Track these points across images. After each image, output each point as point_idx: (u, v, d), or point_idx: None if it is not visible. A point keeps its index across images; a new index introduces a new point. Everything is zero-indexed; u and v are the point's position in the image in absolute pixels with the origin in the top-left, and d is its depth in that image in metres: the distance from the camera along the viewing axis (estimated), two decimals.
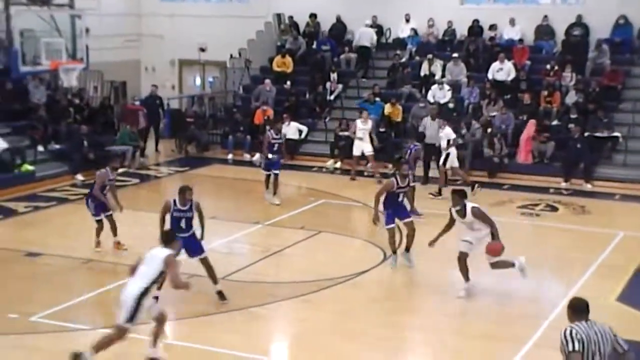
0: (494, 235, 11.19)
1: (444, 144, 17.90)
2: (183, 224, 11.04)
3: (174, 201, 11.06)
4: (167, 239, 9.28)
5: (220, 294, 11.11)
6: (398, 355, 9.90)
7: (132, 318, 8.77)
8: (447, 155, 17.77)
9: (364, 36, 24.36)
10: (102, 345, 8.84)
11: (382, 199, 12.63)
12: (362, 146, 19.63)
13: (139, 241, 14.20)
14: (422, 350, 10.15)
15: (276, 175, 16.77)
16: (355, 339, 9.99)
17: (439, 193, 17.54)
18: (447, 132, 17.98)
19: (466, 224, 11.32)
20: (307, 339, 10.16)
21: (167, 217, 11.20)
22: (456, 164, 17.94)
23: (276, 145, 16.85)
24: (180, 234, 10.69)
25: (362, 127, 19.62)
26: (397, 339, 10.24)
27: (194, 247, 11.10)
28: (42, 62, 18.92)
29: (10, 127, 19.70)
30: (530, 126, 20.13)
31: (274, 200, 16.73)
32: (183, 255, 10.82)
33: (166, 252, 8.88)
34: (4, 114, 20.01)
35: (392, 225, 12.60)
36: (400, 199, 12.82)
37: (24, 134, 19.66)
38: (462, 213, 11.21)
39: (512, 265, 11.42)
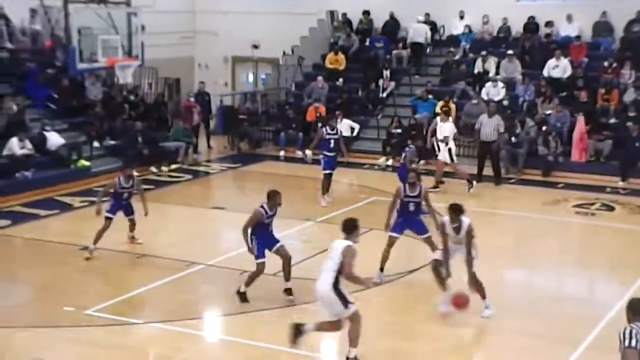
0: (469, 263, 10.34)
1: (440, 136, 17.81)
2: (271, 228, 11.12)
3: (265, 209, 10.93)
4: (348, 229, 9.10)
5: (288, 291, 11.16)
6: (451, 354, 9.84)
7: (346, 304, 8.77)
8: (450, 150, 17.72)
9: (417, 32, 24.21)
10: (322, 328, 9.11)
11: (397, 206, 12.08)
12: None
13: (190, 237, 14.44)
14: (476, 350, 10.08)
15: (330, 175, 16.61)
16: (406, 337, 9.95)
17: (436, 187, 17.61)
18: (448, 128, 17.81)
19: (455, 240, 10.50)
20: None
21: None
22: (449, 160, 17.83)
23: (332, 142, 16.53)
24: (271, 240, 11.04)
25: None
26: (450, 338, 10.16)
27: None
28: (98, 59, 19.15)
29: (67, 123, 20.02)
30: (581, 122, 19.76)
31: (322, 201, 16.48)
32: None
33: (345, 243, 8.87)
34: (62, 111, 20.36)
35: (395, 235, 11.96)
36: (411, 208, 11.95)
37: (81, 130, 19.97)
38: (458, 230, 10.38)
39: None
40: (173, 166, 20.25)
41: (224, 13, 26.97)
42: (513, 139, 19.71)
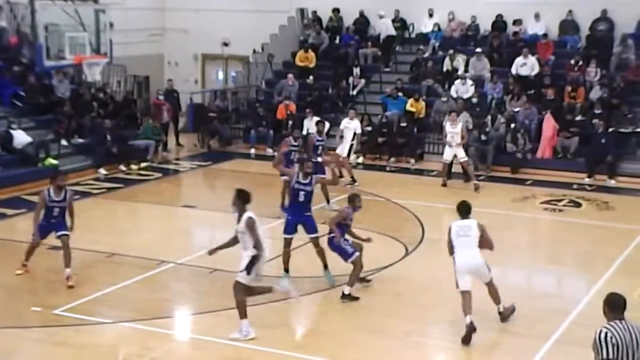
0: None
1: None
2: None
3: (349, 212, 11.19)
4: (462, 210, 10.29)
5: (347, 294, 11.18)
6: (422, 350, 9.94)
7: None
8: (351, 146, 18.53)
9: (387, 27, 24.33)
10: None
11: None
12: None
13: (160, 235, 14.39)
14: (445, 345, 10.11)
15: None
16: (379, 333, 9.98)
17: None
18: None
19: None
20: (327, 334, 10.16)
21: None
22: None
23: (320, 148, 16.29)
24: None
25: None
26: (421, 334, 10.25)
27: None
28: (66, 57, 19.04)
29: (35, 121, 19.86)
30: (550, 120, 19.95)
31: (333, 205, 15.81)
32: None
33: (475, 221, 10.16)
34: (29, 108, 20.18)
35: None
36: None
37: (48, 128, 19.83)
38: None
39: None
40: (143, 164, 20.14)
41: (194, 10, 26.93)
42: (482, 136, 19.86)
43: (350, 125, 18.68)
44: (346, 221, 11.21)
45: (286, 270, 11.86)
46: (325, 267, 11.74)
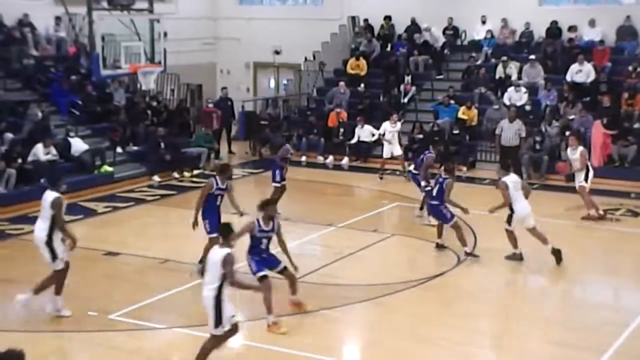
0: None
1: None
2: None
3: None
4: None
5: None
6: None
7: None
8: None
9: (433, 38, 24.41)
10: None
11: None
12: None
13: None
14: (498, 357, 10.07)
15: None
16: (429, 343, 9.96)
17: None
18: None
19: None
20: (379, 342, 10.16)
21: None
22: None
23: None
24: None
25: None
26: (472, 344, 10.17)
27: None
28: (121, 66, 19.35)
29: (91, 129, 20.28)
30: (598, 127, 19.62)
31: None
32: None
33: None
34: (86, 117, 20.61)
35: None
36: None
37: (104, 136, 20.22)
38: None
39: None
40: (195, 172, 20.36)
41: (246, 19, 27.21)
42: (536, 145, 19.65)
43: (395, 128, 19.80)
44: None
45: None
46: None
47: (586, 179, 15.81)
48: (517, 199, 12.94)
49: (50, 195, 10.59)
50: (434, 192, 13.61)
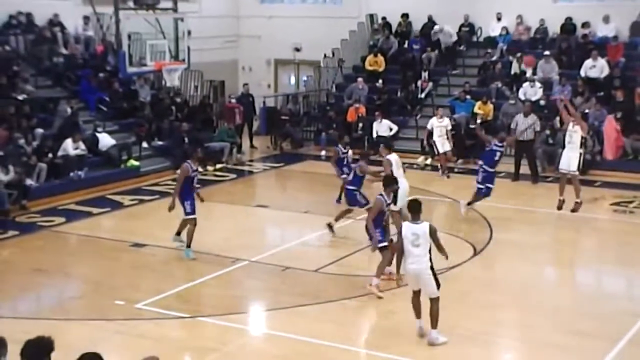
0: None
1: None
2: None
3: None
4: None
5: None
6: (490, 350, 9.99)
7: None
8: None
9: (445, 37, 24.67)
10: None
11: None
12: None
13: (235, 234, 14.90)
14: (514, 345, 10.19)
15: None
16: (447, 332, 10.06)
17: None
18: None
19: None
20: (398, 331, 10.30)
21: None
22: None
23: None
24: None
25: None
26: (489, 334, 10.30)
27: None
28: (147, 63, 19.67)
29: (118, 125, 20.70)
30: (611, 121, 19.87)
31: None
32: None
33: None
34: (113, 113, 21.04)
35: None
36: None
37: (130, 131, 20.60)
38: None
39: None
40: (218, 166, 20.72)
41: (267, 17, 27.54)
42: (550, 139, 19.96)
43: (443, 124, 19.93)
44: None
45: None
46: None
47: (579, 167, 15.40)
48: (400, 176, 13.22)
49: None
50: (350, 177, 14.37)
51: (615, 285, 12.77)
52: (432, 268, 9.63)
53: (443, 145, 19.78)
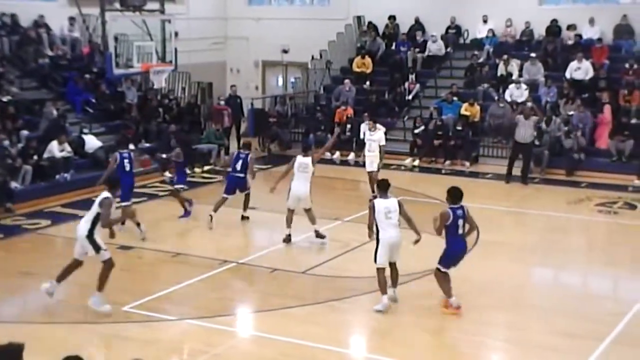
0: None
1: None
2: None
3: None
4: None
5: None
6: (479, 350, 10.04)
7: None
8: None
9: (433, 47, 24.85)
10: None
11: None
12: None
13: (222, 236, 14.87)
14: (503, 346, 10.25)
15: None
16: (436, 333, 10.15)
17: None
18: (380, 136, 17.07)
19: None
20: (388, 333, 10.36)
21: None
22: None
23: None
24: None
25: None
26: (478, 334, 10.36)
27: None
28: (134, 65, 19.67)
29: (105, 127, 20.65)
30: (608, 110, 20.10)
31: None
32: None
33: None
34: (99, 114, 20.99)
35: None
36: None
37: (117, 133, 20.47)
38: None
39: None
40: (206, 167, 20.70)
41: (254, 19, 27.59)
42: (537, 140, 20.05)
43: (374, 137, 17.08)
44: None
45: None
46: None
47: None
48: (299, 178, 14.16)
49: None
50: (238, 167, 15.18)
51: (601, 285, 12.88)
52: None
53: (371, 163, 17.00)
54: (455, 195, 10.82)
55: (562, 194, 18.19)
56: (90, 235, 10.71)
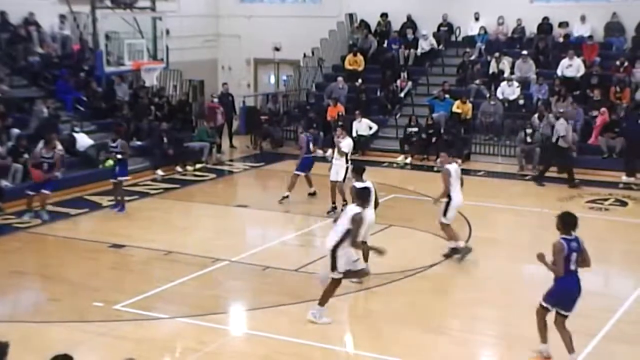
0: None
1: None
2: None
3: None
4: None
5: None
6: (468, 346, 10.05)
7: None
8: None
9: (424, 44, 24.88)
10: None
11: None
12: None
13: (215, 234, 14.88)
14: (492, 342, 10.28)
15: None
16: (426, 330, 10.16)
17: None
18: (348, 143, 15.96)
19: None
20: (379, 331, 10.37)
21: None
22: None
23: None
24: None
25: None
26: (467, 331, 10.41)
27: None
28: (125, 63, 19.69)
29: (96, 125, 20.60)
30: (605, 114, 20.18)
31: None
32: None
33: None
34: (91, 113, 20.92)
35: None
36: None
37: (108, 131, 20.44)
38: None
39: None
40: (198, 165, 20.68)
41: (246, 17, 27.54)
42: (528, 137, 20.09)
43: (342, 145, 15.86)
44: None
45: None
46: None
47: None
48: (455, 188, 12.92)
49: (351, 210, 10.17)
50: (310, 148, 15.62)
51: (592, 282, 12.75)
52: None
53: (337, 173, 15.80)
54: (568, 223, 9.21)
55: (553, 190, 18.22)
56: (334, 251, 9.98)
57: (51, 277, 12.79)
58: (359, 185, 11.40)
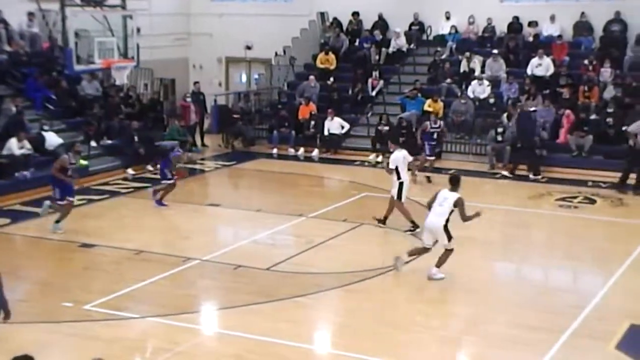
0: None
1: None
2: None
3: None
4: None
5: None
6: (442, 344, 10.08)
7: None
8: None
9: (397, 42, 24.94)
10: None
11: None
12: None
13: (186, 233, 14.82)
14: (465, 339, 10.34)
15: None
16: (400, 327, 10.20)
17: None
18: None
19: None
20: (353, 328, 10.39)
21: None
22: None
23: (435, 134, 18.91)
24: None
25: None
26: (440, 328, 10.46)
27: None
28: (95, 61, 19.49)
29: (65, 124, 20.39)
30: (570, 115, 20.35)
31: None
32: None
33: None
34: (60, 111, 20.72)
35: None
36: None
37: (78, 130, 20.31)
38: None
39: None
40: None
41: (217, 15, 27.45)
42: (498, 136, 20.24)
43: (390, 159, 15.46)
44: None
45: None
46: None
47: None
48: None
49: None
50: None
51: (562, 279, 13.01)
52: None
53: (392, 188, 14.83)
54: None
55: (523, 188, 18.39)
56: (446, 225, 11.82)
57: (20, 278, 12.54)
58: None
